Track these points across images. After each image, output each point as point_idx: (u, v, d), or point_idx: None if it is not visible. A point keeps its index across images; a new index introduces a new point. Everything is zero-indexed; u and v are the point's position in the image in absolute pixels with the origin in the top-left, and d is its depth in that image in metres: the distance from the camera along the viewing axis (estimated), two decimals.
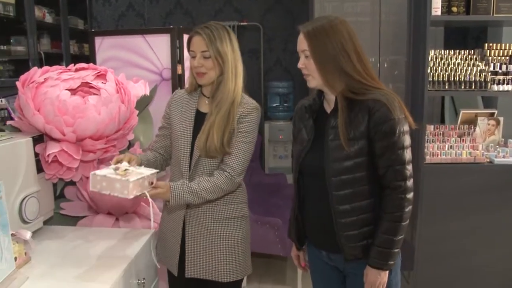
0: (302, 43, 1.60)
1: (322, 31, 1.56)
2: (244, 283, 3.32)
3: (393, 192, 1.56)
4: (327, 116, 1.65)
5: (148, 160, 1.87)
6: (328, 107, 1.67)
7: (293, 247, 1.88)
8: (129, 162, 1.69)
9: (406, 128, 1.56)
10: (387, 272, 1.60)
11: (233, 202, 1.87)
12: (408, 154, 1.56)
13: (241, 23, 5.05)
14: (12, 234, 1.51)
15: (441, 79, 2.70)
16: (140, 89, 2.31)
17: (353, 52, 1.56)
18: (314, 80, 1.61)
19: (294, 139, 1.77)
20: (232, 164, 1.78)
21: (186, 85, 1.94)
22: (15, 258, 1.54)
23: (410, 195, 1.57)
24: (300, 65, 1.62)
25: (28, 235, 1.63)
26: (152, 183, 1.65)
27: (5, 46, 3.48)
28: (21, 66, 3.56)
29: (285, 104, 5.00)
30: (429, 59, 2.72)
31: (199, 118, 1.85)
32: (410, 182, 1.56)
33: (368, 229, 1.60)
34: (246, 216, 1.93)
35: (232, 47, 1.80)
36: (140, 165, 1.75)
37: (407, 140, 1.56)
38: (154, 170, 1.68)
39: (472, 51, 2.84)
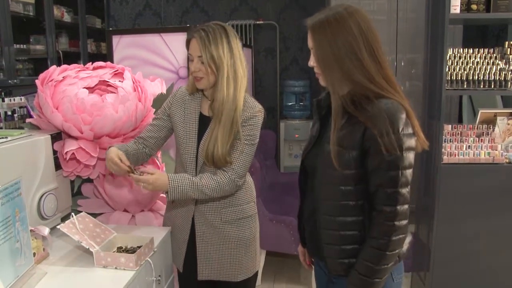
0: (309, 39, 1.41)
1: (326, 25, 1.35)
2: (258, 282, 3.33)
3: (379, 216, 1.35)
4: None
5: (127, 152, 1.77)
6: None
7: (300, 243, 1.81)
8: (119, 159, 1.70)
9: (408, 145, 1.33)
10: None
11: (241, 203, 1.86)
12: (405, 177, 1.33)
13: (257, 22, 5.05)
14: (30, 230, 1.54)
15: (459, 78, 2.66)
16: (157, 87, 2.32)
17: (366, 52, 1.34)
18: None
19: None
20: (234, 167, 1.74)
21: (187, 85, 1.88)
22: (34, 254, 1.56)
23: (401, 223, 1.34)
24: (310, 63, 1.44)
25: (46, 231, 1.65)
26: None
27: (24, 45, 3.53)
28: (40, 64, 3.60)
29: (301, 103, 4.99)
30: (447, 57, 2.68)
31: (203, 121, 1.81)
32: (403, 208, 1.34)
33: (351, 247, 1.42)
34: (254, 215, 1.92)
35: (230, 49, 1.71)
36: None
37: (407, 159, 1.33)
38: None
39: (492, 49, 2.79)
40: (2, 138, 1.75)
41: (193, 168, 1.80)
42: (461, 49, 2.79)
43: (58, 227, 1.68)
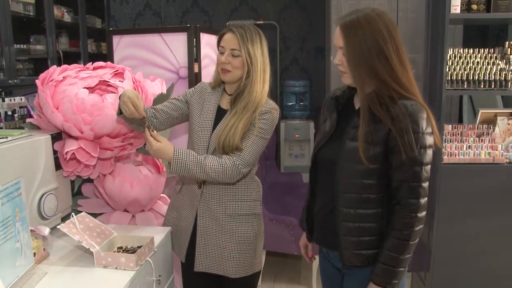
0: (338, 38, 1.48)
1: (358, 26, 1.42)
2: (258, 282, 3.33)
3: (404, 209, 1.46)
4: (354, 113, 1.55)
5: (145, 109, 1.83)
6: (358, 103, 1.56)
7: (303, 236, 1.85)
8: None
9: (429, 143, 1.45)
10: None
11: (247, 200, 1.88)
12: (426, 172, 1.45)
13: (257, 22, 5.05)
14: (31, 230, 1.53)
15: (459, 78, 2.66)
16: (157, 87, 2.32)
17: (394, 53, 1.43)
18: (350, 79, 1.51)
19: (318, 129, 1.71)
20: (242, 154, 1.78)
21: (211, 79, 1.96)
22: (34, 254, 1.56)
23: (422, 214, 1.47)
24: (336, 61, 1.51)
25: (46, 231, 1.65)
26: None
27: (24, 45, 3.53)
28: (40, 64, 3.60)
29: (301, 103, 4.99)
30: (448, 57, 2.68)
31: (219, 113, 1.87)
32: (423, 200, 1.47)
33: (368, 239, 1.51)
34: (259, 214, 1.94)
35: (262, 52, 1.82)
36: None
37: (428, 156, 1.45)
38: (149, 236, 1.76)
39: (492, 49, 2.79)
40: (2, 138, 1.75)
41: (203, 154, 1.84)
42: (461, 49, 2.80)
43: (58, 227, 1.68)
